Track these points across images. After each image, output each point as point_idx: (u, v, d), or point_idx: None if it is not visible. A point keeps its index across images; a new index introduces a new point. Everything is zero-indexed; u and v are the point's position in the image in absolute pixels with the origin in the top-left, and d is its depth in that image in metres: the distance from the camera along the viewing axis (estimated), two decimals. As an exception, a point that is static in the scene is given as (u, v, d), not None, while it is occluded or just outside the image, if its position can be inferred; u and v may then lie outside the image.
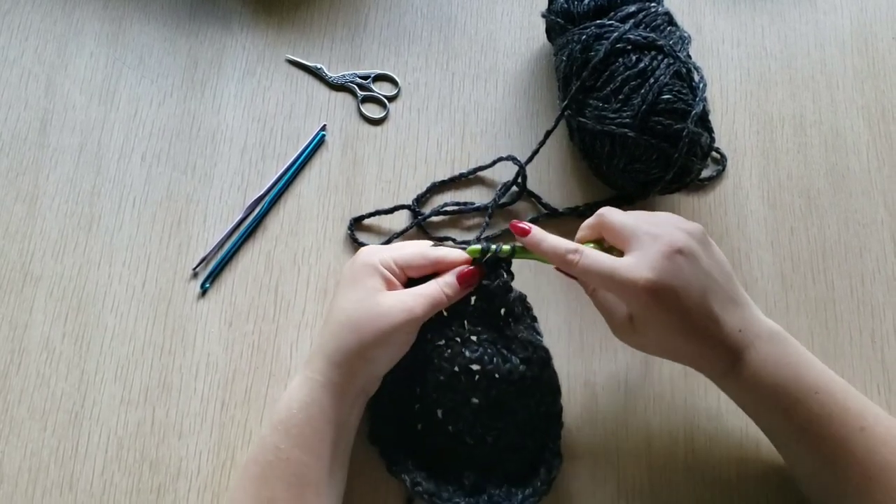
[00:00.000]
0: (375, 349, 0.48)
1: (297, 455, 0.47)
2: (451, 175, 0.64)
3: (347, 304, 0.49)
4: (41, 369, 0.57)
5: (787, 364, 0.47)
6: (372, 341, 0.48)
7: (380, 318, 0.48)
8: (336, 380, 0.48)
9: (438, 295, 0.50)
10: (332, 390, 0.48)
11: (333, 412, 0.48)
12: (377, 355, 0.49)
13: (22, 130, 0.64)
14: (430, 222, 0.63)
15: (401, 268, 0.51)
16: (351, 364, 0.48)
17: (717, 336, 0.47)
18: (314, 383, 0.48)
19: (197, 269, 0.60)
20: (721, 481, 0.56)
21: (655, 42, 0.57)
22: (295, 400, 0.48)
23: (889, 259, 0.63)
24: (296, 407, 0.47)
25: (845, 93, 0.69)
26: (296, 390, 0.48)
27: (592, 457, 0.56)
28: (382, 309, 0.48)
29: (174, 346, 0.58)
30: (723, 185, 0.65)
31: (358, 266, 0.50)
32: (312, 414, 0.47)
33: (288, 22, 0.69)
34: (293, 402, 0.48)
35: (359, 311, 0.48)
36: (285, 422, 0.47)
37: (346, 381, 0.48)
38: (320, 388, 0.48)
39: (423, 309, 0.49)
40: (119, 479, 0.54)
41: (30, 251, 0.60)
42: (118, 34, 0.68)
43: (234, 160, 0.64)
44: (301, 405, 0.47)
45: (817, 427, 0.46)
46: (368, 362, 0.49)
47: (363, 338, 0.48)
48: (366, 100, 0.67)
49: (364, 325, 0.48)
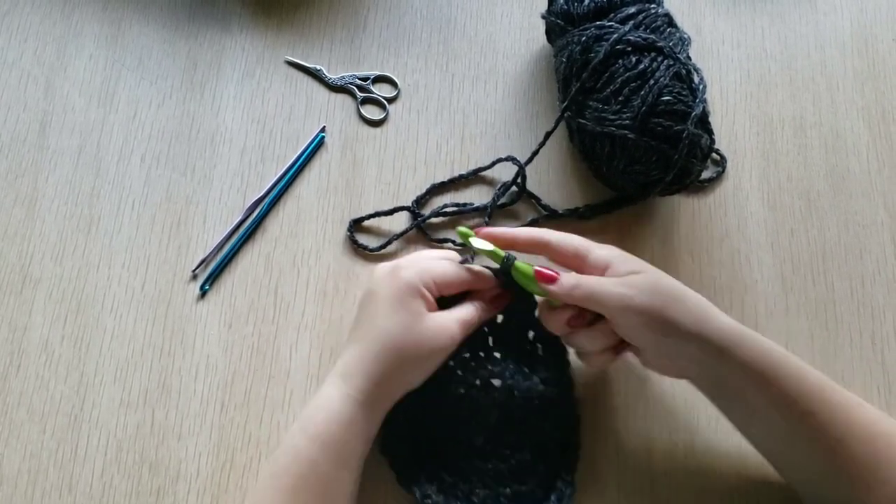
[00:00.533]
0: (416, 371, 0.50)
1: (333, 471, 0.47)
2: (450, 176, 0.64)
3: (393, 327, 0.49)
4: (40, 371, 0.57)
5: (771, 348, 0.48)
6: (414, 364, 0.49)
7: (425, 344, 0.49)
8: (374, 399, 0.49)
9: (475, 318, 0.51)
10: (370, 409, 0.49)
11: (367, 429, 0.49)
12: (416, 375, 0.50)
13: (21, 132, 0.64)
14: (430, 223, 0.63)
15: (439, 287, 0.51)
16: (391, 385, 0.49)
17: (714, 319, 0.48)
18: (355, 402, 0.48)
19: (196, 270, 0.60)
20: (722, 482, 0.56)
21: (655, 43, 0.57)
22: (334, 416, 0.48)
23: (889, 261, 0.63)
24: (335, 423, 0.48)
25: (845, 94, 0.69)
26: (336, 406, 0.48)
27: (593, 458, 0.56)
28: (428, 335, 0.49)
29: (173, 347, 0.58)
30: (723, 186, 0.65)
31: (402, 286, 0.50)
32: (351, 432, 0.48)
33: (287, 23, 0.69)
34: (332, 419, 0.48)
35: (405, 336, 0.49)
36: (323, 436, 0.47)
37: (384, 399, 0.50)
38: (359, 406, 0.48)
39: (463, 332, 0.51)
40: (118, 481, 0.54)
41: (29, 253, 0.60)
42: (117, 36, 0.68)
43: (233, 162, 0.64)
44: (340, 423, 0.48)
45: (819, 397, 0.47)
46: (407, 384, 0.50)
47: (406, 360, 0.49)
48: (365, 101, 0.67)
49: (409, 350, 0.49)
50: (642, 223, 0.63)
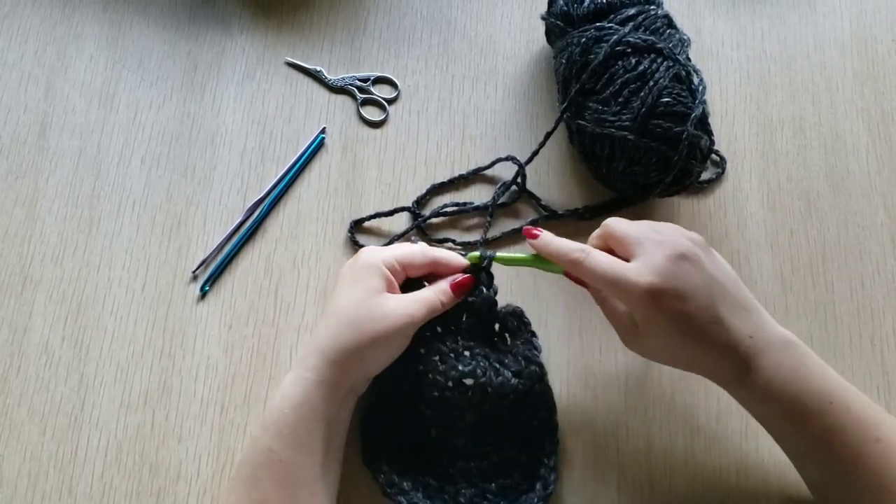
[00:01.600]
0: (372, 350, 0.49)
1: (290, 455, 0.46)
2: (450, 177, 0.64)
3: (347, 303, 0.49)
4: (41, 373, 0.57)
5: (801, 373, 0.46)
6: (370, 342, 0.48)
7: (380, 320, 0.48)
8: (329, 378, 0.48)
9: (435, 301, 0.50)
10: (324, 388, 0.48)
11: (325, 410, 0.48)
12: (373, 356, 0.49)
13: (21, 134, 0.64)
14: (431, 224, 0.63)
15: (403, 266, 0.51)
16: (346, 363, 0.48)
17: (726, 341, 0.46)
18: (306, 382, 0.48)
19: (196, 271, 0.60)
20: (721, 483, 0.56)
21: (655, 45, 0.57)
22: (287, 399, 0.47)
23: (889, 261, 0.63)
24: (287, 407, 0.47)
25: (845, 95, 0.69)
26: (287, 389, 0.48)
27: (593, 458, 0.56)
28: (383, 311, 0.48)
29: (174, 349, 0.58)
30: (722, 187, 0.65)
31: (360, 265, 0.50)
32: (304, 413, 0.47)
33: (287, 25, 0.69)
34: (285, 403, 0.47)
35: (359, 310, 0.48)
36: (277, 422, 0.47)
37: (339, 379, 0.48)
38: (312, 386, 0.47)
39: (422, 314, 0.49)
40: (118, 482, 0.54)
41: (29, 254, 0.60)
42: (118, 37, 0.68)
43: (233, 163, 0.64)
44: (293, 405, 0.47)
45: (832, 438, 0.45)
46: (363, 362, 0.49)
47: (361, 338, 0.48)
48: (365, 102, 0.67)
49: (363, 326, 0.48)
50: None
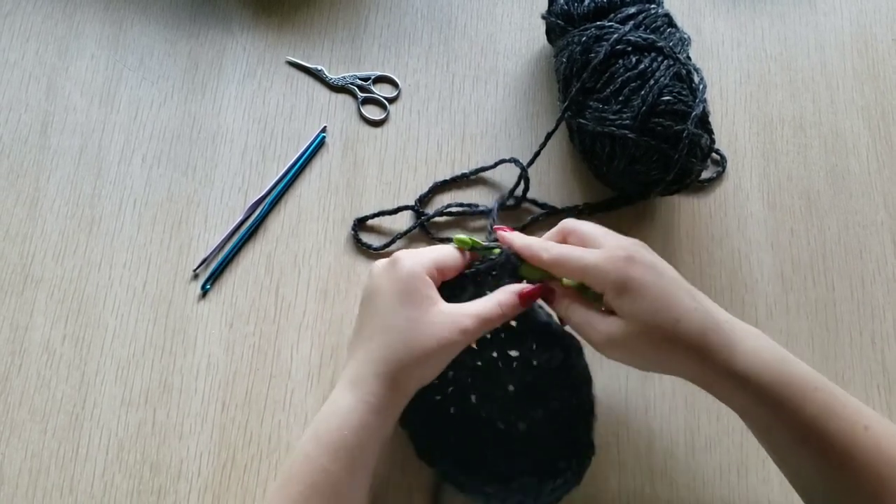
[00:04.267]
0: (429, 366, 0.48)
1: (346, 477, 0.46)
2: (452, 175, 0.64)
3: (400, 323, 0.47)
4: (42, 371, 0.57)
5: (781, 360, 0.46)
6: (426, 359, 0.47)
7: (433, 338, 0.47)
8: (387, 400, 0.47)
9: (493, 313, 0.49)
10: (383, 411, 0.47)
11: (382, 432, 0.48)
12: (429, 371, 0.48)
13: (23, 132, 0.64)
14: (433, 222, 0.63)
15: (440, 271, 0.50)
16: (405, 383, 0.47)
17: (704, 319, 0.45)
18: (368, 406, 0.46)
19: (198, 270, 0.60)
20: (722, 482, 0.56)
21: (655, 43, 0.58)
22: (347, 423, 0.46)
23: (889, 260, 0.63)
24: (347, 429, 0.46)
25: (845, 94, 0.69)
26: (349, 413, 0.47)
27: (594, 458, 0.56)
28: (436, 328, 0.47)
29: (175, 347, 0.58)
30: (723, 186, 0.65)
31: (404, 276, 0.48)
32: (364, 437, 0.46)
33: (288, 24, 0.69)
34: (345, 426, 0.46)
35: (413, 330, 0.47)
36: (336, 443, 0.46)
37: (397, 400, 0.48)
38: (373, 410, 0.47)
39: (477, 328, 0.48)
40: (120, 480, 0.54)
41: (30, 253, 0.60)
42: (119, 36, 0.68)
43: (234, 162, 0.64)
44: (353, 429, 0.46)
45: (821, 425, 0.44)
46: (421, 380, 0.48)
47: (416, 356, 0.47)
48: (366, 101, 0.67)
49: (418, 344, 0.47)
50: (642, 223, 0.63)
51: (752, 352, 0.45)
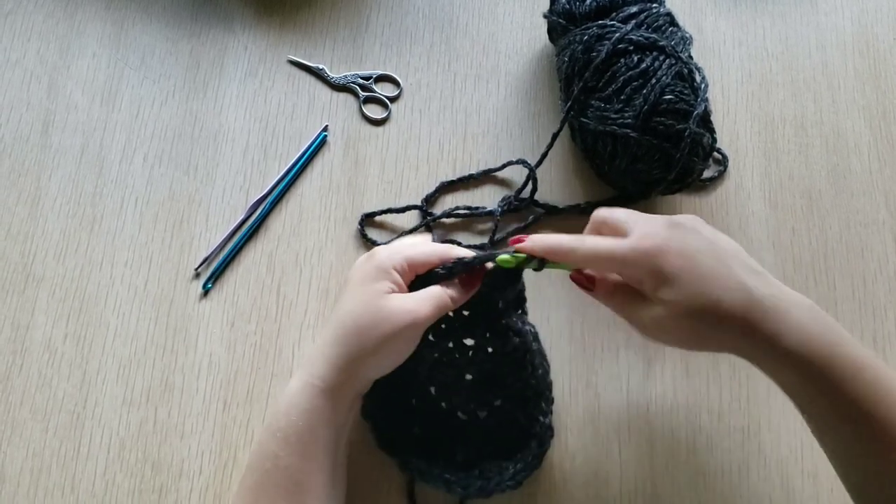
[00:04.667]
0: (378, 353, 0.47)
1: (297, 462, 0.46)
2: (458, 175, 0.64)
3: (352, 308, 0.48)
4: (43, 370, 0.57)
5: (828, 337, 0.44)
6: (374, 346, 0.47)
7: (383, 322, 0.47)
8: (336, 384, 0.47)
9: (443, 299, 0.49)
10: (332, 395, 0.47)
11: (333, 416, 0.47)
12: (380, 359, 0.48)
13: (24, 131, 0.64)
14: (440, 223, 0.63)
15: (412, 268, 0.49)
16: (352, 368, 0.47)
17: (747, 297, 0.44)
18: (314, 389, 0.47)
19: (199, 269, 0.60)
20: (724, 481, 0.56)
21: (657, 43, 0.57)
22: (294, 406, 0.47)
23: (890, 259, 0.63)
24: (295, 414, 0.46)
25: (846, 94, 0.69)
26: (295, 396, 0.47)
27: (595, 457, 0.56)
28: (386, 313, 0.47)
29: (176, 346, 0.58)
30: (724, 185, 0.65)
31: (368, 268, 0.49)
32: (312, 420, 0.46)
33: (290, 23, 0.69)
34: (292, 409, 0.47)
35: (363, 315, 0.47)
36: (284, 429, 0.46)
37: (347, 385, 0.47)
38: (320, 393, 0.47)
39: (428, 313, 0.48)
40: (121, 479, 0.54)
41: (32, 252, 0.60)
42: (120, 35, 0.68)
43: (236, 161, 0.64)
44: (300, 412, 0.46)
45: (866, 405, 0.43)
46: (370, 366, 0.48)
47: (366, 342, 0.47)
48: (367, 100, 0.67)
49: (367, 330, 0.47)
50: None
51: (797, 328, 0.44)
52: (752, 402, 0.58)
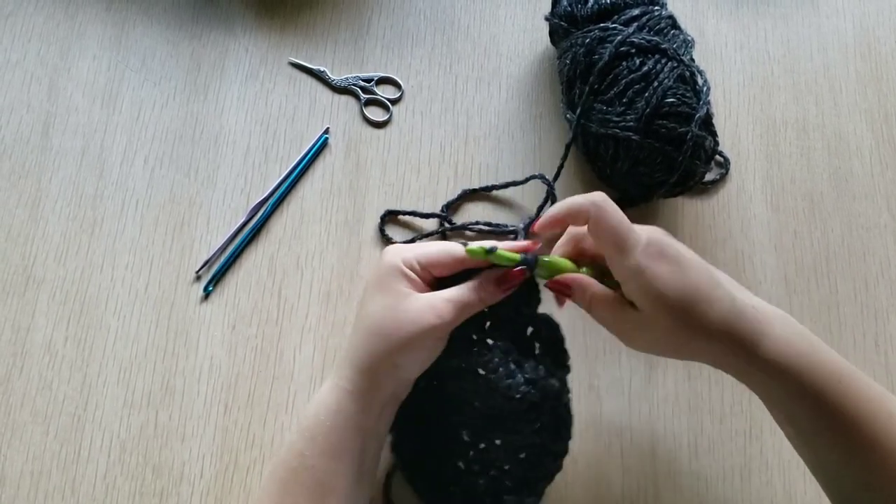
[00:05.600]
0: (403, 355, 0.47)
1: (323, 462, 0.46)
2: (481, 185, 0.64)
3: (374, 309, 0.47)
4: (43, 373, 0.57)
5: (808, 348, 0.45)
6: (399, 347, 0.46)
7: (408, 324, 0.46)
8: (363, 387, 0.47)
9: (471, 298, 0.47)
10: (360, 398, 0.47)
11: (360, 419, 0.47)
12: (405, 361, 0.47)
13: (24, 133, 0.64)
14: (460, 232, 0.63)
15: (424, 267, 0.48)
16: (379, 371, 0.47)
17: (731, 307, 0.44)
18: (342, 391, 0.47)
19: (200, 272, 0.60)
20: (726, 485, 0.56)
21: (659, 45, 0.57)
22: (322, 406, 0.47)
23: (893, 262, 0.63)
24: (323, 414, 0.47)
25: (848, 97, 0.69)
26: (324, 396, 0.47)
27: (597, 460, 0.56)
28: (410, 314, 0.46)
29: (177, 349, 0.58)
30: (726, 188, 0.65)
31: (383, 269, 0.48)
32: (339, 422, 0.46)
33: (291, 25, 0.69)
34: (320, 409, 0.47)
35: (386, 316, 0.47)
36: (312, 429, 0.47)
37: (374, 388, 0.47)
38: (348, 395, 0.47)
39: (453, 313, 0.46)
40: (121, 482, 0.54)
41: (32, 254, 0.60)
42: (121, 37, 0.68)
43: (237, 163, 0.64)
44: (328, 413, 0.47)
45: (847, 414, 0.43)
46: (397, 368, 0.47)
47: (391, 344, 0.46)
48: (369, 103, 0.67)
49: (392, 331, 0.46)
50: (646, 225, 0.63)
51: (778, 340, 0.45)
52: (754, 405, 0.57)
